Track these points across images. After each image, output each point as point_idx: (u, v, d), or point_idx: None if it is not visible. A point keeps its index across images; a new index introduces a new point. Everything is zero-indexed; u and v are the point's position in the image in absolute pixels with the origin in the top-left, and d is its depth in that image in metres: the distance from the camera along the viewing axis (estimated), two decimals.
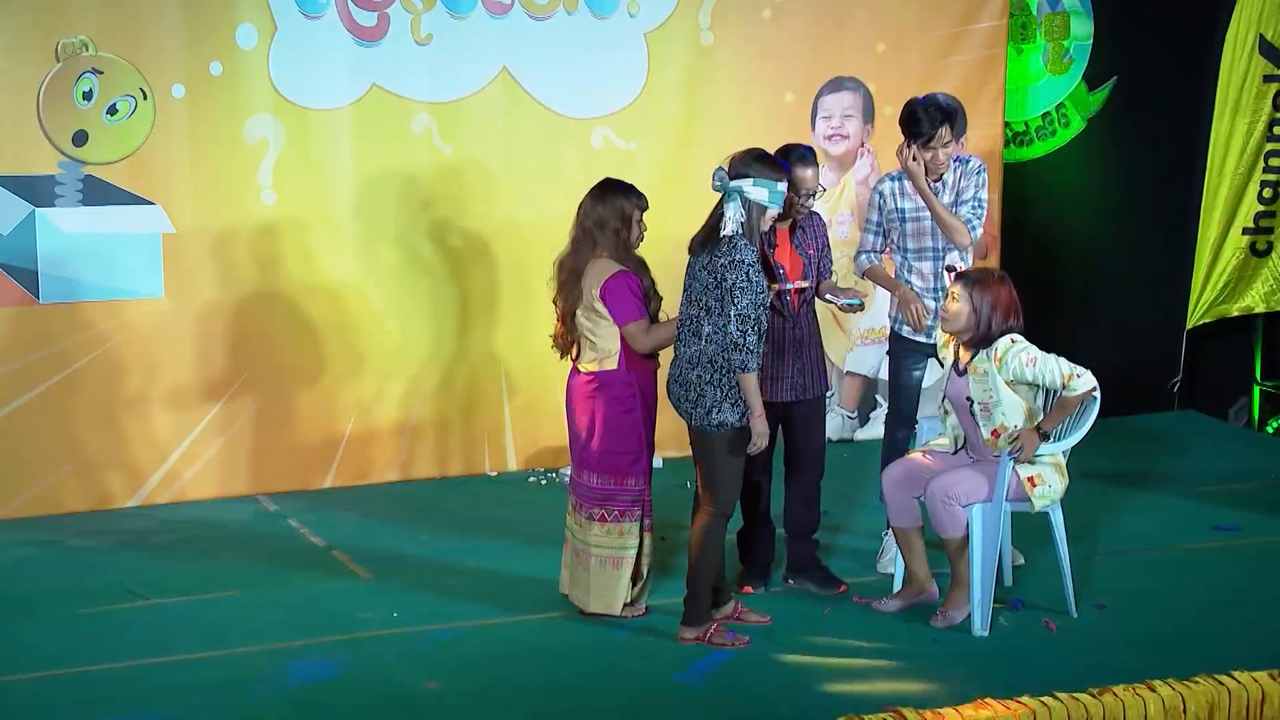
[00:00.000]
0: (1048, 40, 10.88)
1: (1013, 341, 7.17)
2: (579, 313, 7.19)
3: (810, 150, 7.64)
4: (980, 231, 7.84)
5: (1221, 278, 11.07)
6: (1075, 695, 6.43)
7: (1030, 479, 7.21)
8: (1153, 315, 11.23)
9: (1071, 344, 10.80)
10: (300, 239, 9.18)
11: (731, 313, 6.82)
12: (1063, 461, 7.33)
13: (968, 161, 7.90)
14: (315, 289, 9.25)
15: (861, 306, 7.59)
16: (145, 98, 8.74)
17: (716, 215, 6.97)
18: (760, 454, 7.60)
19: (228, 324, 9.10)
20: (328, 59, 9.08)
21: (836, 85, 10.10)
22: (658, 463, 9.52)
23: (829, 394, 7.67)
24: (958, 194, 7.81)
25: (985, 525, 7.20)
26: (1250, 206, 10.99)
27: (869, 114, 10.18)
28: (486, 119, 9.43)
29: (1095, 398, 7.27)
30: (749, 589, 7.70)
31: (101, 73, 8.64)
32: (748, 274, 6.82)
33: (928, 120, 7.74)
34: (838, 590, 7.71)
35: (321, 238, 9.24)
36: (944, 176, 7.85)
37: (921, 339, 7.85)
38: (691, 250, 7.07)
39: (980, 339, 7.21)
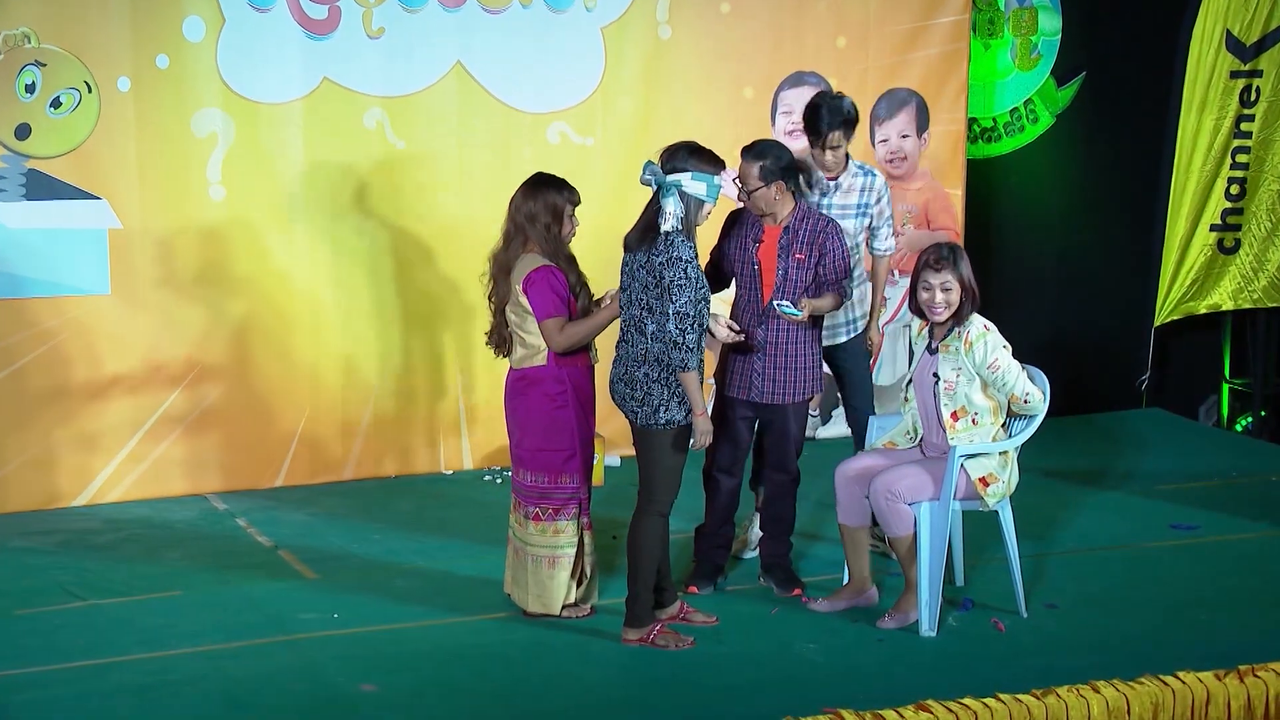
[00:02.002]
0: (1016, 35, 10.80)
1: (986, 329, 7.07)
2: (508, 309, 7.10)
3: (749, 147, 7.39)
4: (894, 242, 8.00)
5: (1189, 275, 11.01)
6: (1018, 697, 6.35)
7: (983, 479, 7.12)
8: (1121, 312, 11.15)
9: (1039, 341, 10.84)
10: (250, 235, 9.07)
11: (670, 311, 6.72)
12: (1013, 455, 7.22)
13: (873, 175, 7.84)
14: (265, 286, 9.14)
15: (796, 315, 7.26)
16: (90, 91, 8.63)
17: (652, 210, 6.85)
18: (724, 453, 7.52)
19: (176, 321, 8.99)
20: (277, 52, 8.96)
21: (797, 80, 10.00)
22: (614, 461, 9.49)
23: (807, 398, 7.49)
24: (864, 208, 7.78)
25: (933, 524, 7.10)
26: (1218, 203, 10.93)
27: None
28: (440, 113, 9.32)
29: (1035, 410, 7.16)
30: (694, 589, 7.59)
31: (45, 65, 8.53)
32: (685, 271, 6.71)
33: (826, 120, 7.73)
34: (792, 592, 7.60)
35: (272, 234, 9.12)
36: (840, 179, 7.82)
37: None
38: (627, 246, 6.97)
39: (958, 313, 7.11)
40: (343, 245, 9.27)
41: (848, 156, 7.95)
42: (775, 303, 7.25)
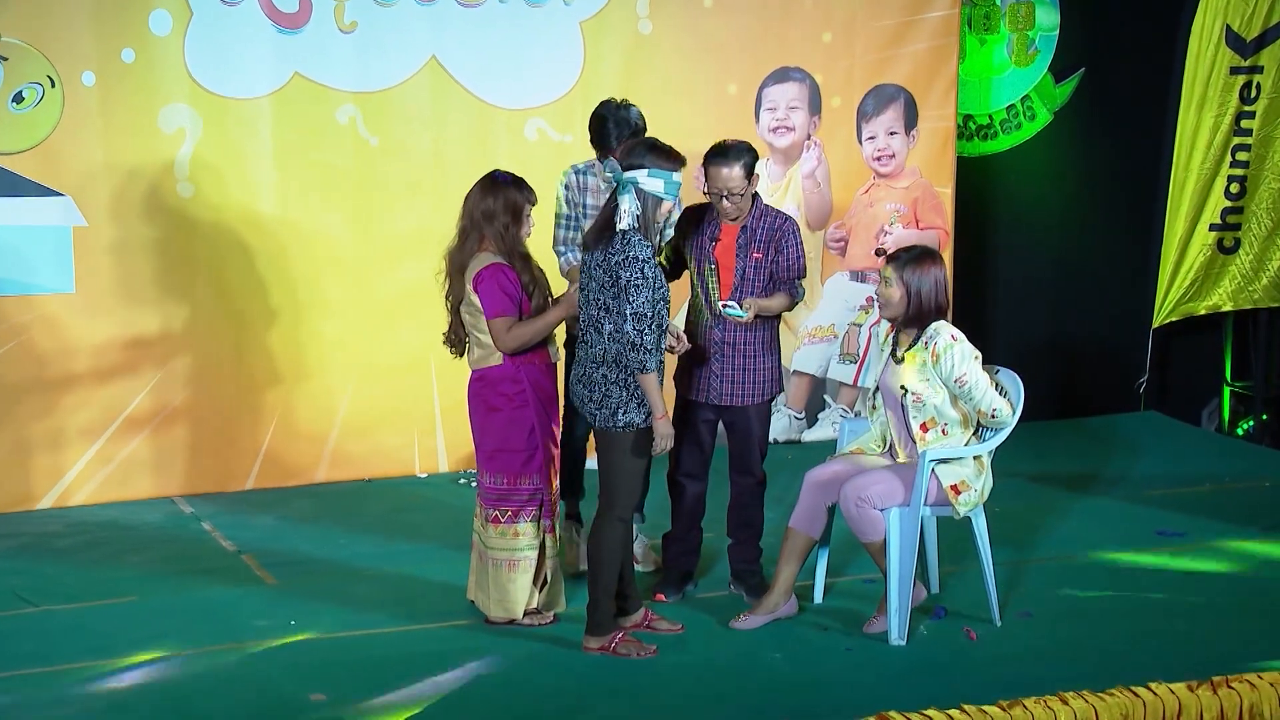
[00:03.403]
0: (1012, 31, 10.69)
1: (954, 339, 6.94)
2: (462, 308, 7.01)
3: (725, 148, 7.18)
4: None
5: (1188, 275, 10.88)
6: (984, 708, 6.21)
7: (954, 486, 6.99)
8: (1119, 314, 11.06)
9: (1035, 342, 10.75)
10: (219, 233, 8.98)
11: (628, 311, 6.60)
12: (986, 462, 7.09)
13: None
14: (235, 285, 9.05)
15: (740, 316, 7.12)
16: (53, 85, 8.54)
17: (610, 209, 6.74)
18: (687, 457, 7.41)
19: (143, 320, 8.91)
20: (247, 46, 8.88)
21: (781, 76, 9.89)
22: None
23: (768, 399, 7.37)
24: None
25: (903, 530, 6.97)
26: (1217, 202, 10.79)
27: (815, 105, 9.96)
28: (415, 109, 9.23)
29: (1003, 424, 7.03)
30: (661, 596, 7.47)
31: (6, 59, 8.44)
32: (643, 270, 6.59)
33: (613, 133, 7.47)
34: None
35: (241, 231, 9.03)
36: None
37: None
38: (585, 245, 6.86)
39: (914, 318, 6.99)
40: (314, 243, 9.17)
41: None
42: (719, 304, 7.12)
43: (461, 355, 7.23)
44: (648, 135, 7.04)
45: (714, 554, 7.81)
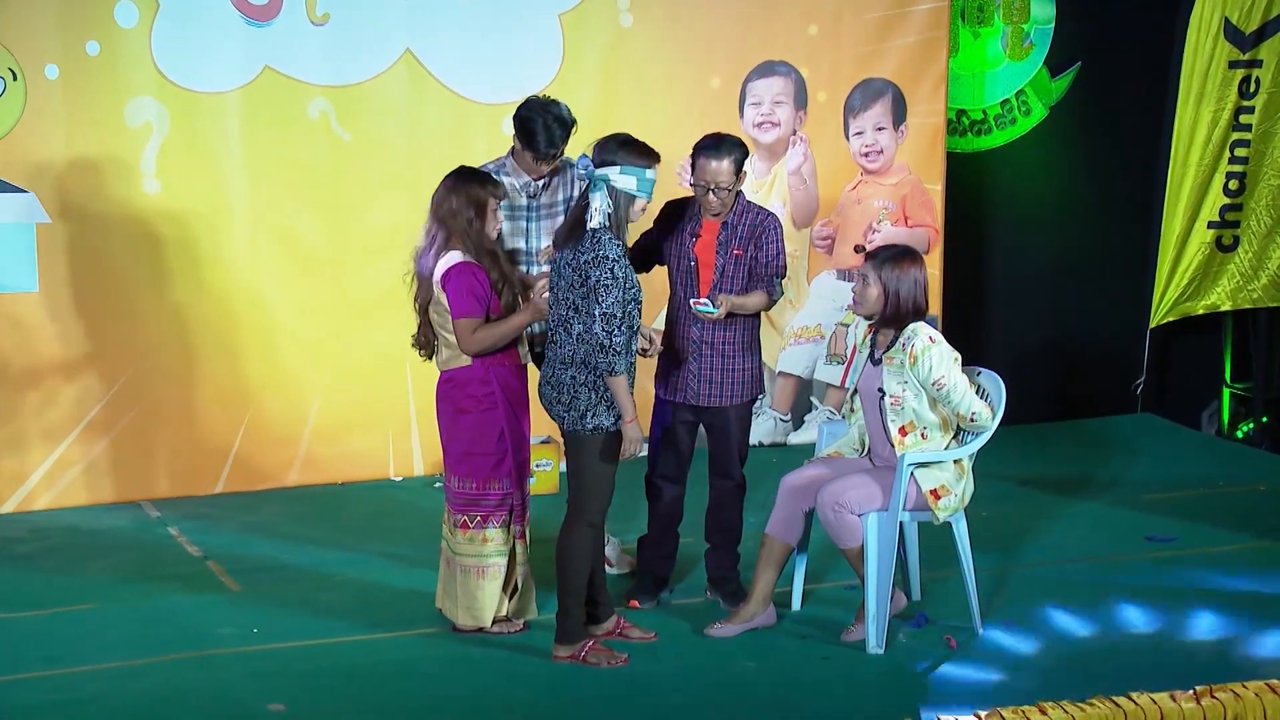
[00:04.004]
0: (1007, 24, 10.58)
1: (931, 341, 6.84)
2: (431, 308, 6.92)
3: (726, 142, 7.13)
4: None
5: (1186, 274, 10.78)
6: (957, 719, 6.11)
7: (934, 490, 6.89)
8: (1115, 313, 10.95)
9: (1030, 342, 10.66)
10: (186, 230, 8.87)
11: (597, 312, 6.50)
12: (967, 466, 6.99)
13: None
14: (204, 284, 8.95)
15: (711, 313, 7.02)
16: (15, 78, 8.45)
17: (581, 206, 6.64)
18: (665, 459, 7.31)
19: (108, 320, 8.81)
20: (215, 39, 8.77)
21: (767, 69, 9.78)
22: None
23: (748, 399, 7.27)
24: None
25: (881, 536, 6.87)
26: (1215, 199, 10.68)
27: (801, 100, 9.86)
28: (389, 104, 9.13)
29: (983, 428, 6.92)
30: (634, 603, 7.36)
31: None
32: (613, 270, 6.49)
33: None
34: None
35: (209, 229, 8.93)
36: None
37: None
38: (556, 244, 6.78)
39: (891, 318, 6.90)
40: (285, 241, 9.07)
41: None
42: (691, 301, 7.02)
43: (431, 358, 7.14)
44: (620, 131, 6.91)
45: (691, 559, 7.71)
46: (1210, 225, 10.71)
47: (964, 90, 10.48)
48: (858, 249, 7.05)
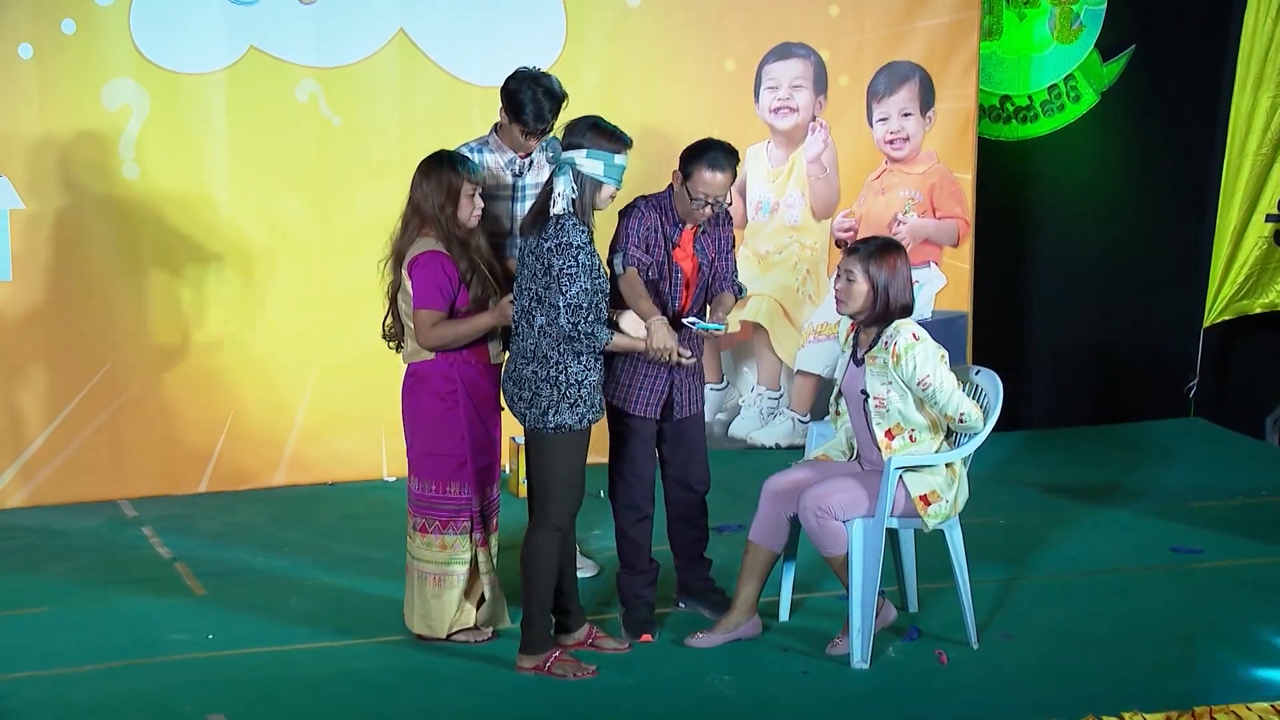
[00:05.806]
0: (1055, 5, 10.44)
1: (915, 338, 6.67)
2: (399, 297, 6.82)
3: (727, 153, 6.94)
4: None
5: (1243, 270, 10.61)
6: None
7: (924, 496, 6.73)
8: (1166, 312, 10.79)
9: (1077, 342, 10.47)
10: (168, 217, 8.83)
11: (561, 304, 6.37)
12: (961, 471, 6.81)
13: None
14: (185, 274, 8.91)
15: (721, 330, 6.93)
16: None
17: (546, 192, 6.51)
18: (644, 484, 7.15)
19: (85, 311, 8.77)
20: (198, 17, 8.73)
21: (784, 52, 9.64)
22: None
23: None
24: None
25: (866, 544, 6.71)
26: (1274, 191, 10.55)
27: (821, 84, 9.71)
28: (381, 86, 9.06)
29: (974, 429, 6.75)
30: (648, 637, 7.08)
31: None
32: (577, 258, 6.37)
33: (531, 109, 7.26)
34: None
35: (192, 216, 8.88)
36: (534, 155, 7.29)
37: None
38: (521, 232, 6.66)
39: (879, 316, 6.75)
40: (272, 229, 9.02)
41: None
42: (689, 322, 6.89)
43: (399, 350, 7.04)
44: (592, 114, 6.78)
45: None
46: (1269, 218, 10.54)
47: (1009, 75, 10.32)
48: (838, 244, 6.85)
